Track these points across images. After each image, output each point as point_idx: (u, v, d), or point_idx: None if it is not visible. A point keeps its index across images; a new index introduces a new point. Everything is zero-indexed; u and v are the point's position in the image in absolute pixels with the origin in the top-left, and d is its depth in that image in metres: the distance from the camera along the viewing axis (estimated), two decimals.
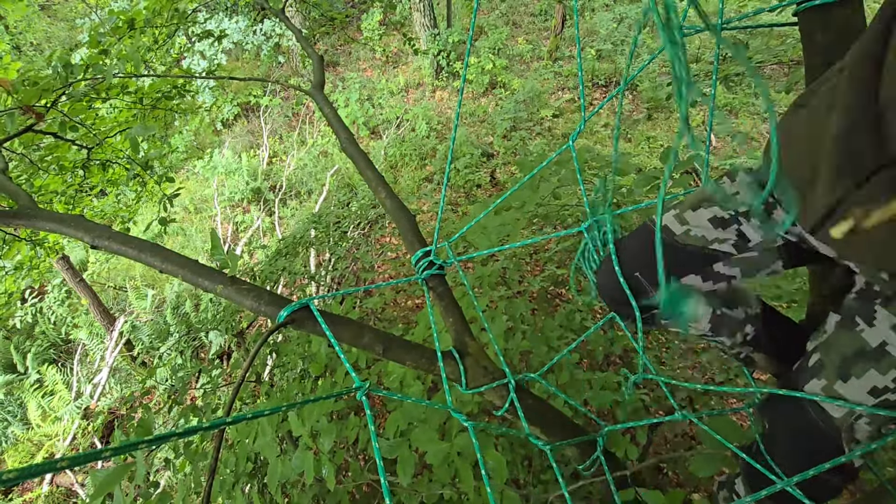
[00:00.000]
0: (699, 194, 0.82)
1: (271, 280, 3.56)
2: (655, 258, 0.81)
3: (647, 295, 0.84)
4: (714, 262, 0.79)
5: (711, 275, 0.80)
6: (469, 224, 1.16)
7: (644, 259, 0.83)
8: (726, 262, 0.79)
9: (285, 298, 0.92)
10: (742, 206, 0.76)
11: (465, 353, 1.03)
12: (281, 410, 0.53)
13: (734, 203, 0.77)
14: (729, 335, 0.91)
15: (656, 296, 0.83)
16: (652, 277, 0.82)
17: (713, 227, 0.78)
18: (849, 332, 0.67)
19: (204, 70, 7.41)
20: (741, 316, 0.91)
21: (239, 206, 7.54)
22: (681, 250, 0.80)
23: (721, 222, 0.77)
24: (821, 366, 0.70)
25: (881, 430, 0.65)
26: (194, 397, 4.18)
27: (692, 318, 0.84)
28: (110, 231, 1.02)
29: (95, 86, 1.91)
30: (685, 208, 0.82)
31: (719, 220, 0.78)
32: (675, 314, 0.79)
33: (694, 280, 0.81)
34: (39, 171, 2.27)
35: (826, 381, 0.68)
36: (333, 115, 1.60)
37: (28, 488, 4.58)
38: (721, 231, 0.77)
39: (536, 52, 8.42)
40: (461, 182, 6.15)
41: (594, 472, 1.09)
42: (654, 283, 0.82)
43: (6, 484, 0.31)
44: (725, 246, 0.77)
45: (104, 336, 5.71)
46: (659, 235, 0.71)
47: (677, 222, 0.81)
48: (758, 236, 0.76)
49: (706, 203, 0.79)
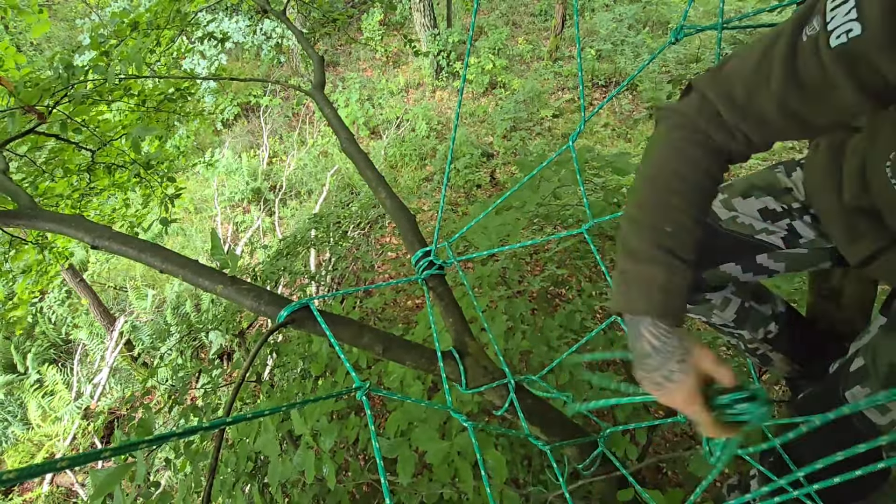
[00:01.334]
0: (749, 181, 0.80)
1: (271, 280, 3.56)
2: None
3: None
4: (759, 252, 0.77)
5: (753, 265, 0.78)
6: (469, 224, 1.16)
7: None
8: (771, 255, 0.77)
9: (285, 298, 0.92)
10: (796, 202, 0.75)
11: (465, 353, 1.03)
12: (282, 410, 0.53)
13: (788, 199, 0.75)
14: (751, 329, 0.89)
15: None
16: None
17: (762, 218, 0.76)
18: (892, 337, 0.65)
19: (204, 70, 7.42)
20: (768, 312, 0.90)
21: (239, 206, 7.54)
22: (724, 236, 0.78)
23: (772, 215, 0.76)
24: (865, 372, 0.67)
25: None
26: (195, 397, 4.18)
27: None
28: (110, 231, 1.02)
29: (98, 87, 1.91)
30: (734, 194, 0.79)
31: (770, 212, 0.76)
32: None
33: (733, 269, 0.79)
34: (44, 175, 2.26)
35: (870, 389, 0.65)
36: (333, 115, 1.60)
37: (28, 488, 4.58)
38: (770, 223, 0.76)
39: (536, 52, 8.42)
40: (461, 182, 6.15)
41: (594, 472, 1.09)
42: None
43: (6, 484, 0.31)
44: (774, 238, 0.76)
45: (104, 336, 5.71)
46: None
47: (724, 207, 0.79)
48: (811, 234, 0.74)
49: (758, 192, 0.78)
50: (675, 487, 2.29)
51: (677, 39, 0.96)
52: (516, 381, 1.00)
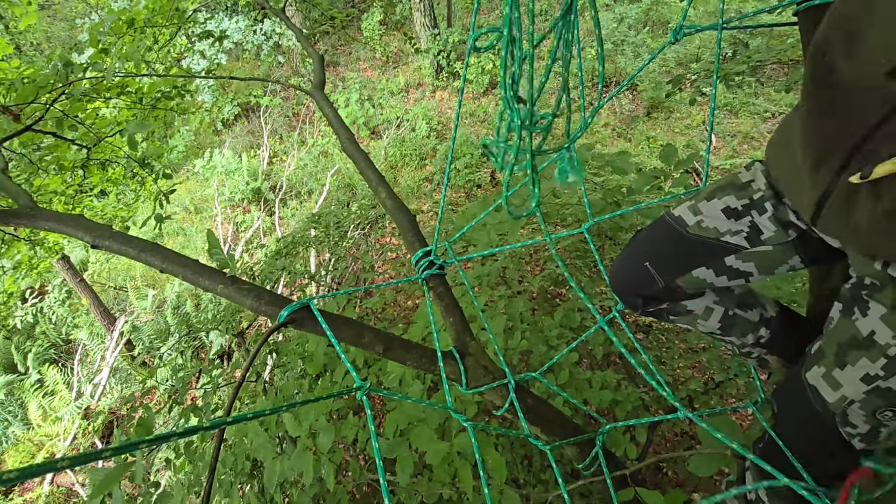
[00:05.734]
0: (715, 185, 0.81)
1: (271, 280, 3.56)
2: (666, 249, 0.81)
3: (656, 286, 0.83)
4: (726, 254, 0.77)
5: (724, 269, 0.78)
6: (469, 225, 1.16)
7: (655, 250, 0.83)
8: (738, 255, 0.77)
9: (285, 298, 0.92)
10: (758, 192, 0.75)
11: (465, 353, 1.03)
12: (282, 410, 0.53)
13: (748, 192, 0.76)
14: (740, 335, 0.90)
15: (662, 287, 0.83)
16: (662, 269, 0.82)
17: (726, 217, 0.76)
18: (846, 320, 0.68)
19: (204, 70, 7.41)
20: (755, 318, 0.90)
21: (239, 206, 7.54)
22: (692, 242, 0.79)
23: (734, 213, 0.76)
24: (821, 353, 0.71)
25: (875, 415, 0.65)
26: (195, 397, 4.18)
27: (574, 181, 0.85)
28: (111, 231, 1.02)
29: (95, 85, 1.91)
30: (700, 198, 0.80)
31: (733, 210, 0.76)
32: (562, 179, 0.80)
33: (705, 273, 0.79)
34: (39, 171, 2.26)
35: (825, 369, 0.69)
36: (334, 115, 1.60)
37: (28, 488, 4.58)
38: (734, 222, 0.76)
39: (536, 52, 8.42)
40: (461, 182, 6.15)
41: (594, 472, 1.09)
42: (665, 272, 0.82)
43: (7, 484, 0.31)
44: (737, 238, 0.76)
45: (104, 336, 5.71)
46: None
47: (690, 213, 0.80)
48: (772, 228, 0.74)
49: (720, 192, 0.78)
50: (675, 487, 2.30)
51: (677, 39, 0.96)
52: (516, 380, 1.00)
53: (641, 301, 0.87)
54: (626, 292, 0.89)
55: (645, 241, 0.87)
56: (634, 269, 0.85)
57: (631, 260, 0.87)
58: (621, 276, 0.89)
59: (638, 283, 0.86)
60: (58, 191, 2.47)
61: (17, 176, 2.25)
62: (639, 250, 0.86)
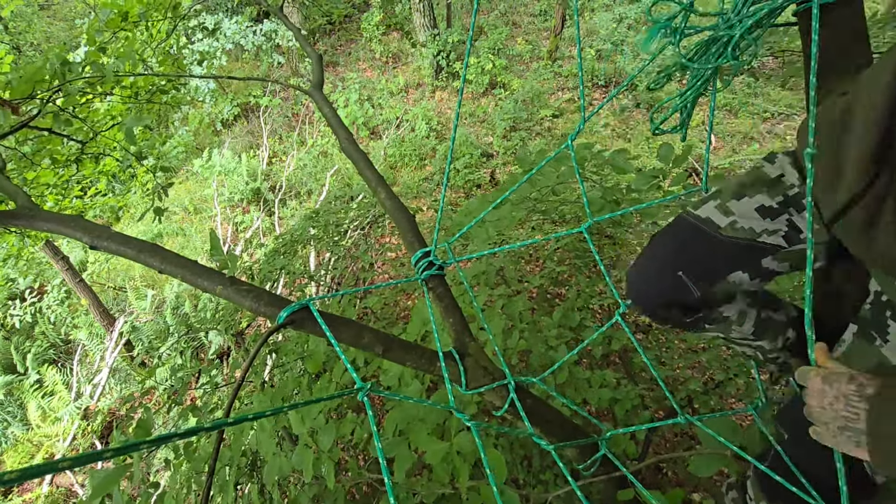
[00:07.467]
0: (738, 181, 0.75)
1: (270, 279, 3.56)
2: (698, 255, 0.73)
3: (692, 295, 0.75)
4: (763, 256, 0.72)
5: (760, 270, 0.73)
6: (469, 225, 1.16)
7: (686, 257, 0.76)
8: (776, 256, 0.72)
9: (285, 299, 0.91)
10: (791, 188, 0.70)
11: (465, 353, 1.03)
12: (283, 411, 0.53)
13: (781, 188, 0.70)
14: (771, 339, 0.85)
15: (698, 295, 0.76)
16: (697, 276, 0.74)
17: (761, 217, 0.71)
18: (869, 346, 0.64)
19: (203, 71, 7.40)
20: (783, 319, 0.86)
21: (239, 206, 7.53)
22: (727, 245, 0.72)
23: (770, 212, 0.71)
24: None
25: None
26: (194, 397, 4.18)
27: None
28: (110, 231, 1.02)
29: (93, 83, 1.90)
30: (727, 197, 0.75)
31: (768, 209, 0.71)
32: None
33: (741, 277, 0.74)
34: (32, 165, 2.25)
35: None
36: (333, 115, 1.60)
37: (28, 489, 4.58)
38: (770, 222, 0.71)
39: (536, 53, 8.42)
40: (461, 182, 6.15)
41: (594, 472, 1.09)
42: (701, 280, 0.75)
43: (6, 484, 0.31)
44: (775, 238, 0.71)
45: (104, 336, 5.70)
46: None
47: (720, 213, 0.73)
48: (814, 226, 0.71)
49: (750, 190, 0.73)
50: (675, 487, 2.30)
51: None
52: (516, 381, 1.00)
53: (679, 312, 0.79)
54: (656, 306, 0.80)
55: (669, 247, 0.79)
56: (663, 279, 0.78)
57: (656, 269, 0.79)
58: (645, 288, 0.81)
59: (670, 294, 0.78)
60: (49, 184, 2.47)
61: (10, 170, 2.24)
62: (665, 258, 0.78)
